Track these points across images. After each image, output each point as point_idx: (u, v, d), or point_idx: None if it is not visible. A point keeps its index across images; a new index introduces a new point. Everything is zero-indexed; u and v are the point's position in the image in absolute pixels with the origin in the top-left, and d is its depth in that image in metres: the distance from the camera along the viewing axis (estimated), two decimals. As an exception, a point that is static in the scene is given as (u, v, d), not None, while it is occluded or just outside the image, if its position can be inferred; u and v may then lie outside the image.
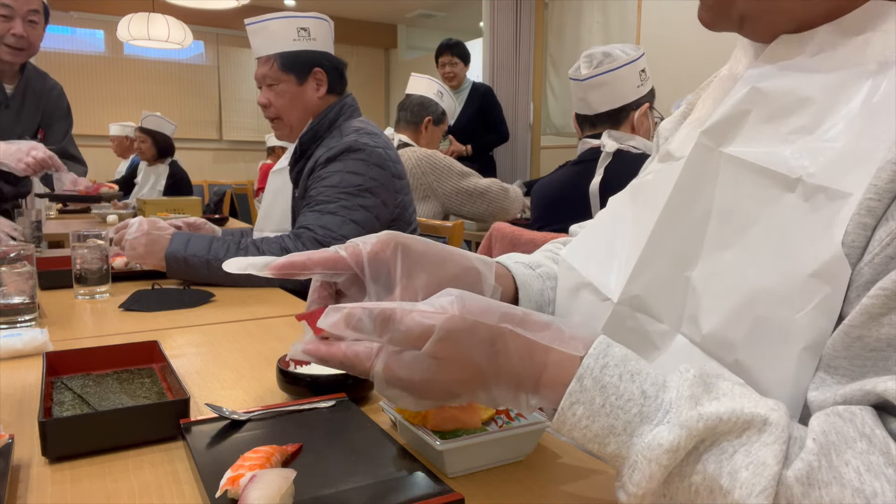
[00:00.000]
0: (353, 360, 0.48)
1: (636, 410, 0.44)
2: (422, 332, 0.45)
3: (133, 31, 4.78)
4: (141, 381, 0.78)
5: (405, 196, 1.67)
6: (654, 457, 0.42)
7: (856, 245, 0.46)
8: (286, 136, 1.69)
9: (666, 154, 0.68)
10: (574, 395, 0.45)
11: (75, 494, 0.56)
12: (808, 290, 0.48)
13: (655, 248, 0.60)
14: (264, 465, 0.53)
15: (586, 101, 1.81)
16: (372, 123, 1.67)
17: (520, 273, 0.73)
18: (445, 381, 0.47)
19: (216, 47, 7.65)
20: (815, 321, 0.47)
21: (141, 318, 1.17)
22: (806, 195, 0.50)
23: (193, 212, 3.06)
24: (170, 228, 1.46)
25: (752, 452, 0.41)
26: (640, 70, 1.80)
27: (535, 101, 4.98)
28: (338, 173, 1.52)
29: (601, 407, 0.44)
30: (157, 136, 4.10)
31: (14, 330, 1.02)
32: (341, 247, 0.57)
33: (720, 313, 0.53)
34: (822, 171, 0.49)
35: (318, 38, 1.63)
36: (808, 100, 0.53)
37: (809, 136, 0.52)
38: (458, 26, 7.88)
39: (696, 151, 0.59)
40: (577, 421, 0.45)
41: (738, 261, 0.54)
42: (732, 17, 0.57)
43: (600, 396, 0.45)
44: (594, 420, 0.44)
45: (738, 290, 0.52)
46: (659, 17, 3.92)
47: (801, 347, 0.47)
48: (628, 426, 0.44)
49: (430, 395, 0.48)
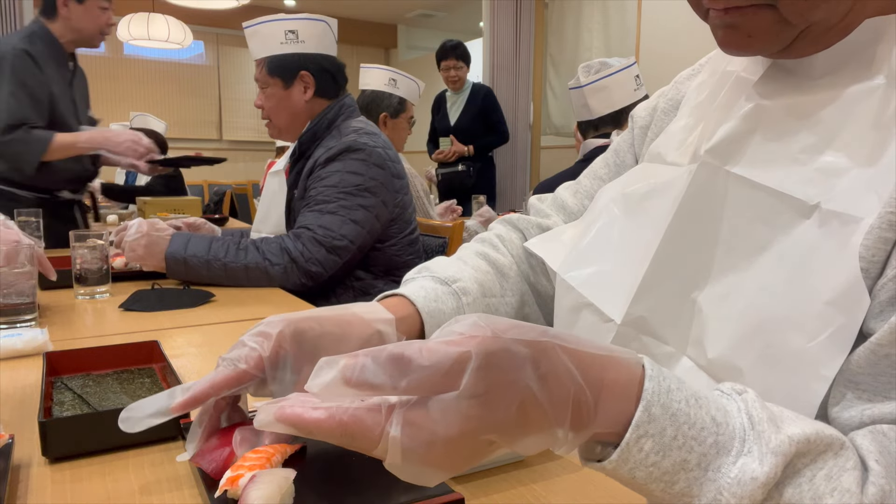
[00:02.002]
0: (353, 427, 0.35)
1: (711, 441, 0.37)
2: (453, 365, 0.34)
3: (133, 30, 4.78)
4: (141, 381, 0.78)
5: (405, 196, 1.67)
6: (746, 493, 0.36)
7: (876, 260, 0.45)
8: (276, 137, 1.73)
9: (656, 155, 0.67)
10: (642, 426, 0.37)
11: (75, 494, 0.56)
12: (822, 319, 0.46)
13: (660, 268, 0.58)
14: (264, 465, 0.53)
15: (587, 107, 1.93)
16: (371, 123, 1.67)
17: (424, 300, 0.68)
18: (491, 425, 0.35)
19: (216, 47, 7.65)
20: (828, 350, 0.45)
21: (141, 318, 1.17)
22: (821, 221, 0.48)
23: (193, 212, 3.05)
24: (169, 229, 1.46)
25: (834, 478, 0.37)
26: (634, 76, 1.95)
27: (535, 102, 4.98)
28: (337, 173, 1.52)
29: (673, 439, 0.37)
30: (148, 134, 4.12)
31: (14, 330, 1.02)
32: (236, 356, 0.53)
33: (728, 338, 0.51)
34: (837, 197, 0.48)
35: (309, 41, 1.63)
36: (815, 118, 0.51)
37: (820, 157, 0.50)
38: (458, 26, 7.88)
39: (702, 170, 0.57)
40: (643, 457, 0.37)
41: (748, 285, 0.52)
42: (791, 35, 0.50)
43: (671, 427, 0.37)
44: (665, 455, 0.37)
45: (748, 316, 0.51)
46: (659, 17, 3.92)
47: (813, 377, 0.45)
48: (703, 459, 0.37)
49: (468, 452, 0.36)
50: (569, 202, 0.83)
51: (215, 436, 0.57)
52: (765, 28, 0.50)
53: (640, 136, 0.77)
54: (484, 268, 0.77)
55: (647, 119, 0.76)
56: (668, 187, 0.60)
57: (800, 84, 0.53)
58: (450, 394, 0.34)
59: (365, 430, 0.35)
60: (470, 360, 0.34)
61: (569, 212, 0.82)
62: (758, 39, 0.51)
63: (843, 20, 0.49)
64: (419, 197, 2.48)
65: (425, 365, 0.34)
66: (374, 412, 0.35)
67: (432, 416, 0.34)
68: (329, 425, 0.36)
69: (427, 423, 0.34)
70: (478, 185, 3.94)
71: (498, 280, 0.77)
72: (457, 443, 0.35)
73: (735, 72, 0.60)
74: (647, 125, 0.76)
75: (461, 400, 0.34)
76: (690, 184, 0.57)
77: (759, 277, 0.51)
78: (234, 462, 0.54)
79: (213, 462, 0.54)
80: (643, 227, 0.62)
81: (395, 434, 0.34)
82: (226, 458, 0.54)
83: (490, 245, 0.81)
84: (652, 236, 0.59)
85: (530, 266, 0.80)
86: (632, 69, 1.94)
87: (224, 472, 0.52)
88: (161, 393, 0.53)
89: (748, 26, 0.50)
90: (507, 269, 0.78)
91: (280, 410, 0.37)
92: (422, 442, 0.35)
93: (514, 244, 0.82)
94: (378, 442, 0.35)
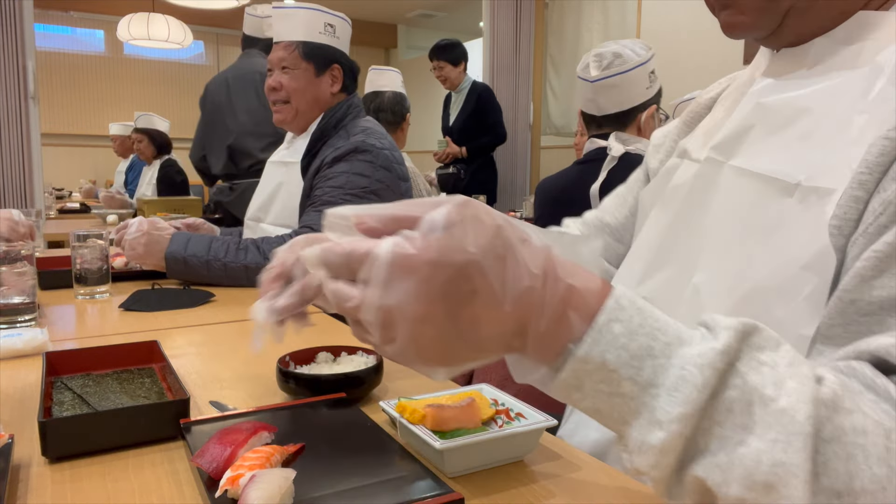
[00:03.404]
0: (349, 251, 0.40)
1: (674, 333, 0.40)
2: (437, 202, 0.39)
3: (133, 31, 4.79)
4: (141, 381, 0.78)
5: (409, 199, 1.66)
6: (706, 362, 0.38)
7: (848, 217, 0.48)
8: (288, 121, 1.66)
9: (683, 151, 0.73)
10: (612, 311, 0.40)
11: (75, 494, 0.56)
12: (799, 282, 0.49)
13: (664, 254, 0.64)
14: (264, 465, 0.53)
15: (595, 103, 1.78)
16: (378, 124, 1.67)
17: None
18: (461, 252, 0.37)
19: (216, 47, 7.65)
20: (806, 310, 0.49)
21: (141, 318, 1.17)
22: (801, 198, 0.52)
23: (193, 212, 3.06)
24: (170, 228, 1.46)
25: (796, 364, 0.39)
26: (650, 72, 1.77)
27: (535, 101, 4.98)
28: (343, 174, 1.52)
29: (640, 326, 0.40)
30: (153, 133, 4.15)
31: (14, 330, 1.02)
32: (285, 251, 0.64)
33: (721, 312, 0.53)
34: (816, 175, 0.52)
35: (341, 38, 1.67)
36: (805, 109, 0.56)
37: (807, 142, 0.54)
38: (458, 26, 7.88)
39: (706, 165, 0.63)
40: (613, 339, 0.39)
41: (737, 263, 0.56)
42: (779, 12, 0.57)
43: (638, 316, 0.40)
44: (632, 339, 0.39)
45: (737, 289, 0.54)
46: (659, 17, 3.92)
47: (794, 338, 0.48)
48: (667, 349, 0.39)
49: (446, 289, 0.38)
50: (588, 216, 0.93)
51: (215, 436, 0.57)
52: (753, 5, 0.58)
53: (653, 152, 0.86)
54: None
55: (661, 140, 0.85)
56: (684, 180, 0.67)
57: (793, 81, 0.59)
58: (435, 216, 0.38)
59: (360, 246, 0.39)
60: (450, 199, 0.39)
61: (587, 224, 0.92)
62: (749, 17, 0.59)
63: None
64: (421, 196, 2.48)
65: (414, 201, 0.40)
66: (373, 241, 0.39)
67: (415, 240, 0.38)
68: (336, 248, 0.40)
69: (410, 243, 0.38)
70: (478, 185, 3.94)
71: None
72: (442, 253, 0.37)
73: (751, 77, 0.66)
74: (660, 144, 0.84)
75: (447, 227, 0.38)
76: (695, 178, 0.64)
77: (746, 254, 0.55)
78: (234, 462, 0.54)
79: (213, 462, 0.54)
80: (661, 221, 0.69)
81: (385, 244, 0.38)
82: (226, 459, 0.54)
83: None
84: (663, 223, 0.67)
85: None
86: (647, 65, 1.74)
87: (224, 472, 0.52)
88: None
89: (739, 4, 0.59)
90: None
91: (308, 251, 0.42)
92: (409, 244, 0.38)
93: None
94: (369, 254, 0.38)
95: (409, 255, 0.37)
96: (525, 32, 4.82)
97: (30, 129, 3.23)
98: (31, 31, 3.26)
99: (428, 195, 2.54)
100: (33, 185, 3.25)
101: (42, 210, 2.93)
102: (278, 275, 0.62)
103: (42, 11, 6.36)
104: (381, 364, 0.79)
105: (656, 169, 0.82)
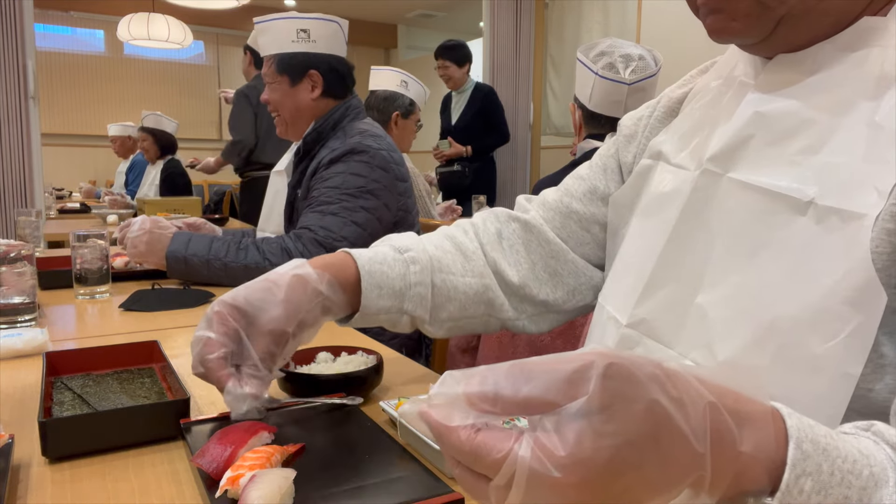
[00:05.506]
0: (483, 445, 0.32)
1: (867, 473, 0.35)
2: (576, 371, 0.31)
3: (133, 31, 4.79)
4: (141, 381, 0.78)
5: (408, 199, 1.66)
6: None
7: (880, 251, 0.46)
8: (283, 133, 1.71)
9: (657, 153, 0.69)
10: (798, 464, 0.34)
11: (75, 494, 0.56)
12: (840, 319, 0.46)
13: (662, 273, 0.61)
14: (264, 465, 0.53)
15: (623, 104, 1.71)
16: (377, 125, 1.67)
17: (369, 261, 0.73)
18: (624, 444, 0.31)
19: (216, 47, 7.65)
20: (850, 348, 0.45)
21: (141, 318, 1.17)
22: (818, 218, 0.49)
23: (193, 212, 3.06)
24: (172, 227, 1.46)
25: None
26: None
27: (535, 102, 4.98)
28: (340, 174, 1.52)
29: (830, 476, 0.34)
30: (158, 133, 4.16)
31: (14, 330, 1.02)
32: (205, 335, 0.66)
33: (739, 338, 0.52)
34: (832, 193, 0.49)
35: (320, 40, 1.63)
36: (810, 120, 0.53)
37: (815, 156, 0.52)
38: (458, 26, 7.88)
39: (703, 178, 0.60)
40: (805, 500, 0.34)
41: (751, 285, 0.53)
42: (773, 19, 0.54)
43: (826, 463, 0.34)
44: (827, 494, 0.34)
45: (756, 315, 0.51)
46: (659, 17, 3.92)
47: (836, 375, 0.46)
48: (863, 494, 0.35)
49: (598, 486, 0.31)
50: (549, 197, 0.86)
51: (215, 436, 0.57)
52: (745, 11, 0.54)
53: (625, 143, 0.80)
54: (446, 247, 0.81)
55: (633, 128, 0.80)
56: (676, 194, 0.63)
57: (795, 89, 0.55)
58: (576, 407, 0.31)
59: (492, 449, 0.32)
60: (593, 366, 0.31)
61: (548, 207, 0.85)
62: (740, 23, 0.55)
63: (819, 3, 0.52)
64: (421, 196, 2.48)
65: (547, 370, 0.32)
66: (504, 433, 0.33)
67: (562, 435, 0.31)
68: (460, 439, 0.33)
69: (556, 442, 0.31)
70: (478, 185, 3.94)
71: (460, 261, 0.80)
72: (587, 466, 0.30)
73: (738, 77, 0.62)
74: (633, 134, 0.79)
75: (590, 415, 0.31)
76: (693, 190, 0.60)
77: (761, 276, 0.52)
78: (234, 462, 0.54)
79: (213, 462, 0.54)
80: (653, 233, 0.65)
81: (523, 454, 0.31)
82: (226, 459, 0.54)
83: (460, 230, 0.85)
84: (657, 242, 0.62)
85: (501, 254, 0.82)
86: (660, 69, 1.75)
87: (224, 472, 0.52)
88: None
89: (731, 9, 0.55)
90: (470, 253, 0.81)
91: (425, 411, 0.35)
92: (550, 463, 0.30)
93: (488, 232, 0.84)
94: (503, 463, 0.32)
95: (553, 479, 0.31)
96: (525, 32, 4.82)
97: (30, 129, 3.22)
98: (31, 31, 3.25)
99: (427, 195, 2.54)
100: (33, 185, 3.25)
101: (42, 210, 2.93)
102: (223, 357, 0.65)
103: (42, 11, 6.35)
104: (382, 364, 0.79)
105: (630, 164, 0.78)
